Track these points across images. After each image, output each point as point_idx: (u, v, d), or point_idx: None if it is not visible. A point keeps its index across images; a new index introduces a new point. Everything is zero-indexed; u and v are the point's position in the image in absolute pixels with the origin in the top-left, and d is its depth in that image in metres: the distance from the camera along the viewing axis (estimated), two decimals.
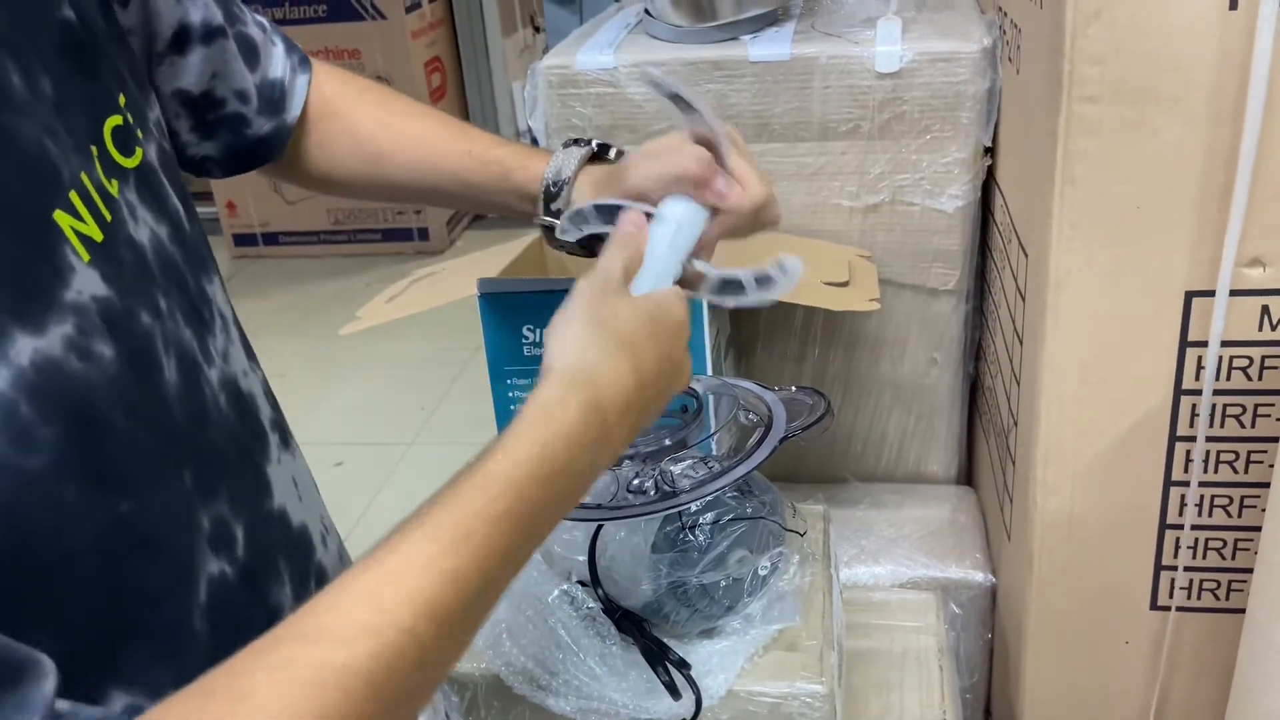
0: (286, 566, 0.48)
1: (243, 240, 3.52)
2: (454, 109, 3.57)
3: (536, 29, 3.84)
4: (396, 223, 3.43)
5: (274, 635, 0.35)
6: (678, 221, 0.62)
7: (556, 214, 0.68)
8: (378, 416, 2.51)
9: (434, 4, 3.45)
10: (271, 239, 3.52)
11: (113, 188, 0.42)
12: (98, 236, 0.39)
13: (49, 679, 0.30)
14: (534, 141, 1.30)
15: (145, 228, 0.43)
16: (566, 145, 0.70)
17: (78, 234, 0.38)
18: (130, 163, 0.44)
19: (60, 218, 0.37)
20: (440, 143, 0.70)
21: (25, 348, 0.34)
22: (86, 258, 0.38)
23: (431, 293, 1.13)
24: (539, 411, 0.47)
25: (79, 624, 0.36)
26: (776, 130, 1.19)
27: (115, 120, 0.43)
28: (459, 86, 3.64)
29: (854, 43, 1.15)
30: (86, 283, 0.38)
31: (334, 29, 3.24)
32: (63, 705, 0.31)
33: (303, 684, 0.33)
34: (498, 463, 0.43)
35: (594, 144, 0.70)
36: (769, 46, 1.17)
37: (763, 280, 0.61)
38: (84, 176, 0.39)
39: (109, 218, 0.40)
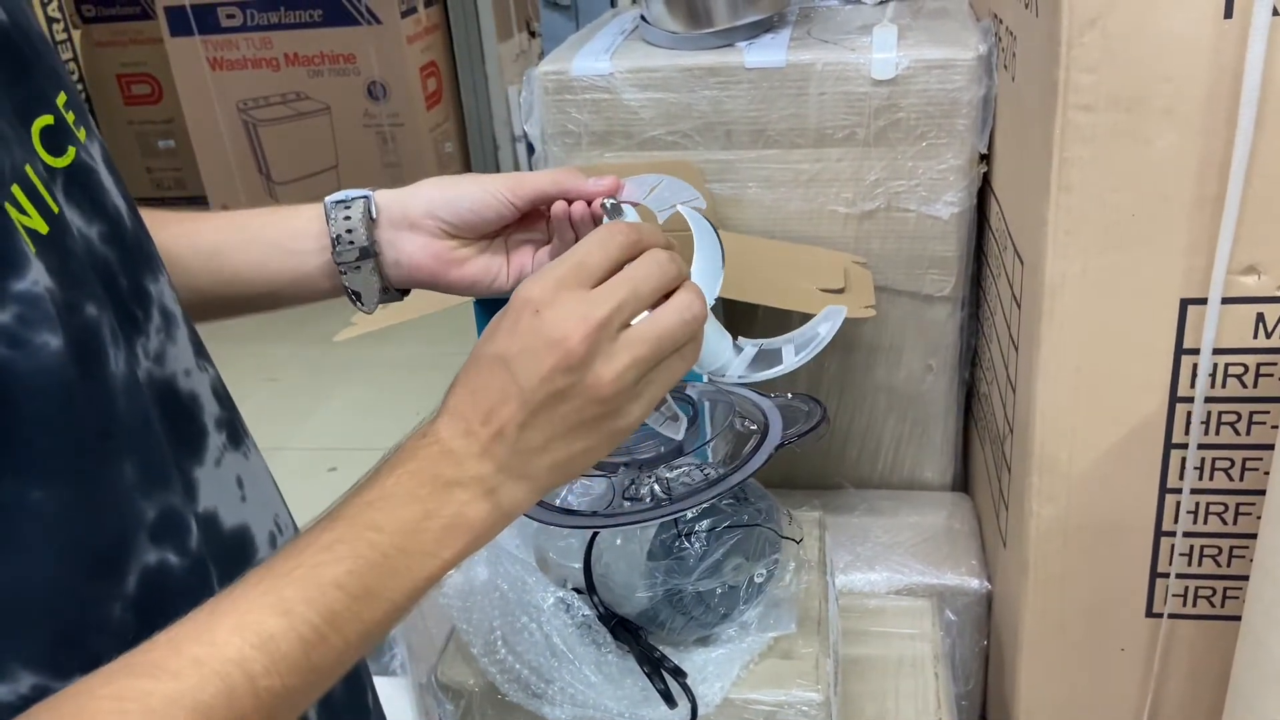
0: (215, 568, 0.48)
1: None
2: (449, 114, 3.57)
3: (532, 34, 3.83)
4: None
5: (113, 667, 0.37)
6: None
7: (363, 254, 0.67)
8: (372, 421, 2.50)
9: (430, 9, 3.45)
10: None
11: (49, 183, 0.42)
12: (43, 229, 0.39)
13: None
14: (529, 148, 1.29)
15: (74, 227, 0.43)
16: (332, 206, 0.67)
17: (24, 227, 0.38)
18: (60, 162, 0.44)
19: (9, 209, 0.37)
20: (226, 241, 0.67)
21: None
22: (33, 249, 0.38)
23: (426, 298, 1.12)
24: (410, 448, 0.49)
25: None
26: (772, 137, 1.19)
27: (45, 120, 0.43)
28: (454, 91, 3.64)
29: (850, 49, 1.15)
30: (40, 274, 0.38)
31: (329, 34, 3.24)
32: None
33: (134, 714, 0.35)
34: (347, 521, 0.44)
35: (368, 196, 0.68)
36: (765, 53, 1.17)
37: (805, 344, 0.49)
38: (28, 169, 0.39)
39: (56, 210, 0.41)
